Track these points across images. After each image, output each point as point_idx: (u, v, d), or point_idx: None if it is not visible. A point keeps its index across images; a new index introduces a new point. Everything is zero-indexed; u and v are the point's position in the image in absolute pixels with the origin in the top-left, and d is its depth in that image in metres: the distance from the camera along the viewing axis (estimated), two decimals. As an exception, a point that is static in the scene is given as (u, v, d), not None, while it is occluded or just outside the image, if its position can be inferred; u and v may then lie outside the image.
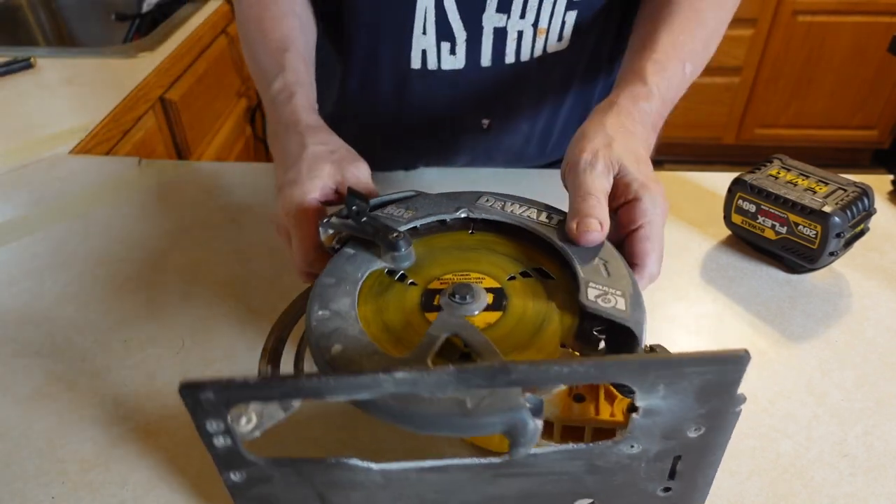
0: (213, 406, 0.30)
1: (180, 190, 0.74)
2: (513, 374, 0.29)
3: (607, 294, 0.38)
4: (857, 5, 2.05)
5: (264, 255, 0.64)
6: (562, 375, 0.29)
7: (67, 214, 0.70)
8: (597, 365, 0.29)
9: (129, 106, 1.02)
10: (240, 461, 0.33)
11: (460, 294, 0.39)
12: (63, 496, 0.43)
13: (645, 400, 0.31)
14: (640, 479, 0.35)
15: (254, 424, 0.32)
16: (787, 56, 2.17)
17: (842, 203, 0.55)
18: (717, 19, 0.59)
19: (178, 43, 1.23)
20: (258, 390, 0.30)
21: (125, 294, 0.59)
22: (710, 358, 0.29)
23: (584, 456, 0.33)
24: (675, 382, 0.30)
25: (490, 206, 0.46)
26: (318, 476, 0.34)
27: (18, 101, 0.99)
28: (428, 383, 0.29)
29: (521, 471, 0.34)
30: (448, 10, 0.63)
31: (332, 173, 0.49)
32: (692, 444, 0.33)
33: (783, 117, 2.32)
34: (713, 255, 0.63)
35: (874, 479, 0.43)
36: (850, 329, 0.55)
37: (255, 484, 0.34)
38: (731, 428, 0.33)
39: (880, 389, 0.49)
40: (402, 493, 0.35)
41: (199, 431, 0.31)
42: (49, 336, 0.55)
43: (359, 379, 0.29)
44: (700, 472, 0.35)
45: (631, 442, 0.33)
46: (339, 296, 0.40)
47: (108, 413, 0.49)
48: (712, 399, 0.31)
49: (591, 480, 0.35)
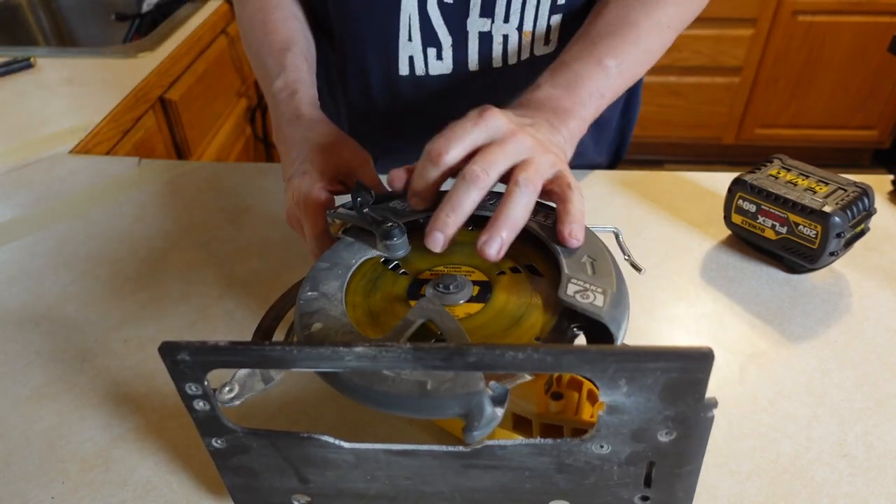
0: (189, 368, 0.32)
1: (180, 190, 0.74)
2: (468, 357, 0.29)
3: (587, 290, 0.38)
4: (857, 5, 2.05)
5: (264, 255, 0.64)
6: (517, 361, 0.29)
7: (67, 214, 0.70)
8: (553, 353, 0.29)
9: (128, 106, 1.02)
10: (219, 428, 0.34)
11: (444, 284, 0.41)
12: (63, 496, 0.43)
13: (608, 395, 0.30)
14: (613, 484, 0.34)
15: (235, 394, 0.35)
16: (787, 56, 2.17)
17: (842, 203, 0.55)
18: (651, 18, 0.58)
19: (178, 43, 1.23)
20: (229, 354, 0.31)
21: (125, 294, 0.59)
22: (671, 353, 0.28)
23: (552, 452, 0.33)
24: (637, 379, 0.29)
25: (491, 204, 0.47)
26: (292, 450, 0.35)
27: (18, 101, 0.99)
28: (387, 359, 0.30)
29: (488, 462, 0.34)
30: (432, 17, 0.63)
31: (337, 164, 0.50)
32: (665, 450, 0.32)
33: (783, 117, 2.32)
34: (713, 255, 0.63)
35: (874, 479, 0.43)
36: (850, 329, 0.55)
37: (234, 452, 0.36)
38: (706, 435, 0.32)
39: (880, 389, 0.49)
40: (375, 475, 0.35)
41: (180, 394, 0.33)
42: (49, 336, 0.55)
43: (321, 350, 0.30)
44: (678, 481, 0.34)
45: (600, 441, 0.32)
46: (330, 279, 0.42)
47: (108, 413, 0.49)
48: (679, 400, 0.30)
49: (562, 480, 0.34)
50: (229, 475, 0.37)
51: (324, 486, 0.37)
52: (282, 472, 0.36)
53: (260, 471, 0.36)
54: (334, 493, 0.37)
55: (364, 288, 0.43)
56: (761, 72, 2.21)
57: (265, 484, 0.37)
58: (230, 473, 0.37)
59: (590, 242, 0.42)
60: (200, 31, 1.32)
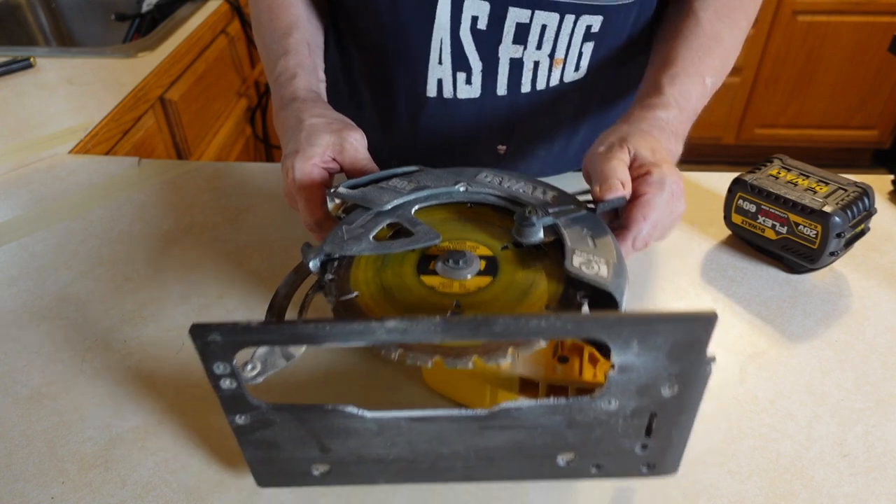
0: (219, 348, 0.32)
1: (180, 190, 0.74)
2: (495, 326, 0.31)
3: (591, 262, 0.41)
4: (857, 5, 2.05)
5: (264, 255, 0.64)
6: (541, 329, 0.31)
7: (67, 214, 0.70)
8: (574, 320, 0.31)
9: (128, 106, 1.01)
10: (244, 405, 0.35)
11: (454, 259, 0.43)
12: (63, 496, 0.43)
13: (620, 356, 0.33)
14: (617, 436, 0.37)
15: (257, 371, 0.36)
16: (787, 56, 2.17)
17: (842, 203, 0.55)
18: (732, 37, 0.62)
19: (178, 43, 1.23)
20: (261, 334, 0.32)
21: (125, 294, 0.59)
22: (680, 317, 0.31)
23: (565, 410, 0.35)
24: (648, 339, 0.32)
25: (488, 181, 0.49)
26: (316, 422, 0.36)
27: (18, 101, 0.99)
28: (417, 331, 0.31)
29: (504, 423, 0.36)
30: (464, 42, 0.63)
31: (331, 142, 0.51)
32: (667, 403, 0.35)
33: (783, 117, 2.32)
34: (713, 255, 0.63)
35: (874, 479, 0.43)
36: (850, 329, 0.55)
37: (257, 427, 0.36)
38: (703, 388, 0.35)
39: (880, 389, 0.49)
40: (395, 440, 0.37)
41: (207, 374, 0.33)
42: (49, 336, 0.55)
43: (353, 326, 0.31)
44: (675, 430, 0.37)
45: (609, 398, 0.35)
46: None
47: (108, 413, 0.49)
48: (683, 358, 0.33)
49: (571, 435, 0.37)
50: (250, 449, 0.38)
51: (344, 454, 0.38)
52: (303, 443, 0.37)
53: (282, 443, 0.37)
54: (354, 459, 0.38)
55: (374, 265, 0.44)
56: (761, 72, 2.21)
57: (286, 455, 0.38)
58: (251, 448, 0.38)
59: (589, 219, 0.45)
60: (200, 31, 1.32)
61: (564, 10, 0.61)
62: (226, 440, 0.46)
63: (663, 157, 0.49)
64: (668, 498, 0.43)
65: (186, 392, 0.50)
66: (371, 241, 0.44)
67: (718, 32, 0.60)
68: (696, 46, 0.59)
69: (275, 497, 0.43)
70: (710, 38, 0.60)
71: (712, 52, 0.60)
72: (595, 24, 0.62)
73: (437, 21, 0.62)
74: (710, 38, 0.60)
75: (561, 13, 0.61)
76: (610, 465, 0.39)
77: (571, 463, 0.38)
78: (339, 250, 0.44)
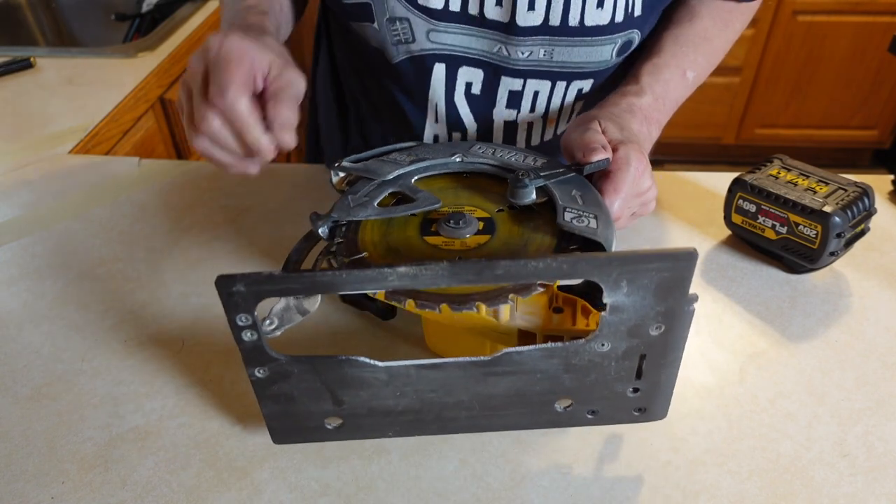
0: (243, 299, 0.34)
1: (180, 190, 0.74)
2: (497, 269, 0.34)
3: (581, 216, 0.44)
4: (857, 5, 2.05)
5: (264, 255, 0.64)
6: (538, 270, 0.34)
7: (67, 214, 0.70)
8: (568, 261, 0.34)
9: (128, 106, 1.01)
10: (264, 357, 0.38)
11: (454, 220, 0.46)
12: (63, 496, 0.43)
13: (611, 297, 0.36)
14: (610, 379, 0.40)
15: (275, 325, 0.39)
16: (787, 56, 2.17)
17: (842, 203, 0.55)
18: (722, 38, 0.64)
19: (178, 43, 1.23)
20: (282, 283, 0.34)
21: (125, 294, 0.59)
22: (663, 254, 0.34)
23: (561, 353, 0.38)
24: (636, 279, 0.35)
25: (482, 152, 0.53)
26: (330, 373, 0.39)
27: (18, 101, 0.99)
28: (426, 276, 0.34)
29: (506, 368, 0.39)
30: (459, 106, 0.64)
31: (275, 61, 0.45)
32: (654, 342, 0.38)
33: (783, 117, 2.32)
34: (713, 255, 0.63)
35: (874, 479, 0.43)
36: (850, 329, 0.55)
37: (275, 380, 0.39)
38: (687, 326, 0.38)
39: (880, 389, 0.49)
40: (404, 390, 0.40)
41: (231, 326, 0.36)
42: (49, 336, 0.55)
43: (367, 273, 0.34)
44: (663, 371, 0.40)
45: (601, 340, 0.38)
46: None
47: (108, 413, 0.49)
48: (668, 296, 0.36)
49: (567, 379, 0.40)
50: (268, 403, 0.40)
51: (356, 405, 0.41)
52: (318, 395, 0.40)
53: (298, 396, 0.40)
54: (365, 412, 0.41)
55: (380, 229, 0.48)
56: (761, 72, 2.21)
57: (301, 409, 0.41)
58: (269, 402, 0.40)
59: (575, 179, 0.48)
60: (200, 31, 1.32)
61: (556, 77, 0.61)
62: (226, 440, 0.47)
63: (630, 136, 0.51)
64: (669, 498, 0.43)
65: (186, 392, 0.50)
66: (376, 207, 0.48)
67: (708, 31, 0.62)
68: (682, 41, 0.61)
69: (275, 497, 0.43)
70: (699, 35, 0.62)
71: (698, 49, 0.61)
72: (586, 86, 0.64)
73: (433, 86, 0.63)
74: (699, 35, 0.62)
75: (552, 80, 0.62)
76: (604, 409, 0.42)
77: (568, 409, 0.42)
78: (346, 216, 0.47)
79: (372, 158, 0.53)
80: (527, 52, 0.59)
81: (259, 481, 0.44)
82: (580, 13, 0.55)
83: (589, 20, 0.56)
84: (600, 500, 0.42)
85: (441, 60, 0.61)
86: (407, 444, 0.46)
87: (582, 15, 0.55)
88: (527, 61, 0.60)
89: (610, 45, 0.58)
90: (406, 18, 0.57)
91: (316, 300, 0.41)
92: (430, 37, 0.58)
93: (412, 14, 0.56)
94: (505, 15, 0.56)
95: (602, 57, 0.59)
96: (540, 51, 0.58)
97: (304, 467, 0.45)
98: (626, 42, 0.59)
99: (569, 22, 0.56)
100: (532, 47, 0.58)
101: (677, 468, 0.44)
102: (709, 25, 0.62)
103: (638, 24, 0.58)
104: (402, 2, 0.56)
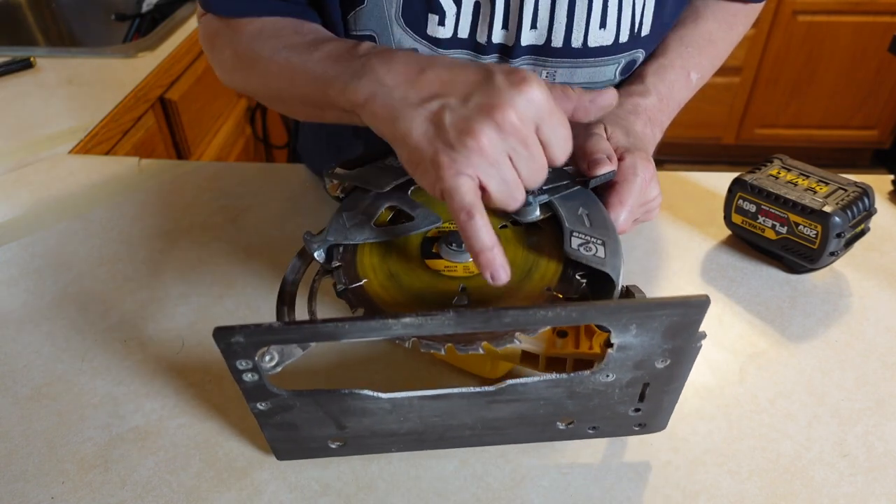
0: (242, 348, 0.34)
1: (180, 190, 0.74)
2: (506, 318, 0.33)
3: (588, 243, 0.43)
4: (857, 5, 2.05)
5: (264, 254, 0.64)
6: (548, 319, 0.33)
7: (67, 214, 0.70)
8: (578, 310, 0.34)
9: (128, 106, 1.01)
10: (265, 394, 0.38)
11: (456, 242, 0.44)
12: (63, 496, 0.43)
13: (619, 338, 0.35)
14: (613, 403, 0.40)
15: (276, 362, 0.38)
16: (787, 56, 2.17)
17: (842, 203, 0.55)
18: (726, 40, 0.64)
19: (178, 43, 1.23)
20: (281, 334, 0.34)
21: (125, 294, 0.59)
22: (676, 303, 0.34)
23: (566, 384, 0.39)
24: (645, 324, 0.35)
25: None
26: (333, 405, 0.39)
27: (18, 101, 0.99)
28: (431, 325, 0.33)
29: (510, 397, 0.39)
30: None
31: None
32: (659, 374, 0.38)
33: (783, 117, 2.32)
34: (713, 255, 0.63)
35: (874, 479, 0.43)
36: (850, 329, 0.55)
37: (278, 412, 0.39)
38: (693, 359, 0.38)
39: (880, 389, 0.49)
40: (407, 416, 0.40)
41: (230, 370, 0.35)
42: (49, 336, 0.55)
43: (370, 323, 0.33)
44: (666, 395, 0.41)
45: (606, 372, 0.38)
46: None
47: (108, 413, 0.49)
48: (677, 337, 0.36)
49: (571, 404, 0.40)
50: (271, 430, 0.41)
51: (359, 430, 0.41)
52: (321, 423, 0.40)
53: (301, 424, 0.40)
54: (368, 434, 0.41)
55: (379, 250, 0.45)
56: (761, 72, 2.21)
57: (304, 434, 0.41)
58: (272, 429, 0.40)
59: (583, 195, 0.46)
60: (200, 31, 1.32)
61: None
62: (226, 440, 0.47)
63: (636, 140, 0.50)
64: (669, 498, 0.43)
65: (186, 392, 0.50)
66: (373, 227, 0.45)
67: (713, 33, 0.62)
68: (687, 42, 0.60)
69: (275, 497, 0.43)
70: (704, 37, 0.61)
71: (703, 51, 0.61)
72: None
73: None
74: (704, 37, 0.61)
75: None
76: (605, 426, 0.42)
77: (570, 426, 0.42)
78: (342, 238, 0.45)
79: (367, 165, 0.50)
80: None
81: (259, 481, 0.44)
82: (583, 34, 0.54)
83: (592, 41, 0.55)
84: (600, 501, 0.42)
85: None
86: (407, 444, 0.46)
87: (585, 36, 0.54)
88: None
89: (613, 66, 0.58)
90: (413, 49, 0.56)
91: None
92: None
93: (419, 44, 0.55)
94: (510, 38, 0.55)
95: (605, 77, 0.59)
96: (542, 72, 0.57)
97: (304, 467, 0.45)
98: (630, 62, 0.58)
99: (571, 43, 0.55)
100: (535, 67, 0.57)
101: (677, 468, 0.44)
102: (713, 28, 0.62)
103: (643, 44, 0.58)
104: (410, 32, 0.54)
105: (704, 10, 0.63)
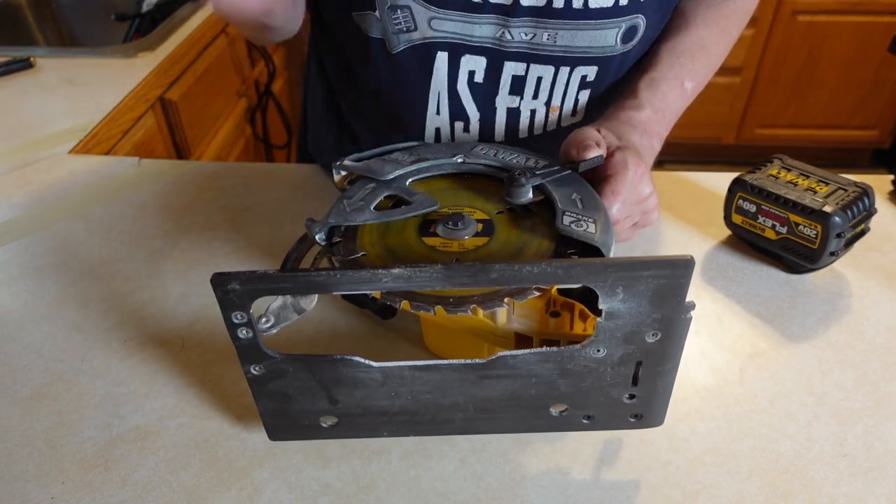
0: (238, 297, 0.35)
1: (180, 190, 0.74)
2: (492, 273, 0.34)
3: (580, 220, 0.44)
4: (857, 5, 2.05)
5: (264, 254, 0.64)
6: (533, 275, 0.34)
7: (67, 214, 0.70)
8: (563, 266, 0.34)
9: (128, 106, 1.01)
10: (259, 355, 0.38)
11: (453, 221, 0.45)
12: (63, 496, 0.43)
13: (607, 303, 0.35)
14: (606, 385, 0.40)
15: (271, 323, 0.39)
16: (787, 56, 2.17)
17: (842, 203, 0.55)
18: (720, 44, 0.64)
19: (178, 43, 1.23)
20: (277, 282, 0.34)
21: (125, 294, 0.59)
22: (659, 262, 0.34)
23: (556, 358, 0.38)
24: (631, 286, 0.35)
25: (484, 153, 0.53)
26: (325, 372, 0.39)
27: (18, 101, 0.99)
28: (420, 278, 0.34)
29: (501, 372, 0.39)
30: (462, 95, 0.64)
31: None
32: (650, 350, 0.38)
33: (783, 117, 2.32)
34: (713, 255, 0.63)
35: (874, 479, 0.43)
36: (850, 329, 0.55)
37: (271, 378, 0.39)
38: (684, 335, 0.38)
39: (880, 389, 0.49)
40: (398, 391, 0.40)
41: (226, 323, 0.36)
42: (49, 336, 0.55)
43: (361, 273, 0.34)
44: (660, 378, 0.40)
45: (597, 346, 0.38)
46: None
47: (108, 413, 0.49)
48: (665, 304, 0.36)
49: (563, 384, 0.40)
50: (264, 401, 0.41)
51: (351, 405, 0.41)
52: (313, 394, 0.40)
53: (293, 394, 0.40)
54: (360, 412, 0.41)
55: (378, 230, 0.47)
56: (761, 72, 2.21)
57: (297, 407, 0.41)
58: (265, 399, 0.41)
59: (576, 182, 0.48)
60: (200, 31, 1.32)
61: (559, 62, 0.61)
62: (226, 440, 0.47)
63: (628, 145, 0.51)
64: (668, 498, 0.43)
65: (186, 392, 0.50)
66: (372, 211, 0.47)
67: (705, 39, 0.62)
68: (679, 52, 0.61)
69: (275, 497, 0.43)
70: (696, 44, 0.62)
71: (696, 58, 0.61)
72: (590, 73, 0.63)
73: (435, 75, 0.62)
74: (696, 44, 0.62)
75: (556, 65, 0.61)
76: (600, 415, 0.42)
77: (564, 413, 0.42)
78: (342, 221, 0.46)
79: (374, 158, 0.53)
80: (530, 35, 0.58)
81: (259, 481, 0.44)
82: None
83: (593, 2, 0.55)
84: (600, 501, 0.42)
85: (443, 49, 0.60)
86: (407, 444, 0.46)
87: None
88: (530, 44, 0.59)
89: (614, 30, 0.58)
90: (407, 6, 0.57)
91: (313, 299, 0.41)
92: (431, 24, 0.58)
93: (413, 2, 0.56)
94: None
95: (606, 42, 0.59)
96: (543, 34, 0.58)
97: (303, 467, 0.45)
98: (631, 27, 0.58)
99: (572, 4, 0.55)
100: (535, 30, 0.58)
101: (677, 468, 0.44)
102: (705, 33, 0.62)
103: (643, 10, 0.58)
104: None
105: (694, 17, 0.63)
